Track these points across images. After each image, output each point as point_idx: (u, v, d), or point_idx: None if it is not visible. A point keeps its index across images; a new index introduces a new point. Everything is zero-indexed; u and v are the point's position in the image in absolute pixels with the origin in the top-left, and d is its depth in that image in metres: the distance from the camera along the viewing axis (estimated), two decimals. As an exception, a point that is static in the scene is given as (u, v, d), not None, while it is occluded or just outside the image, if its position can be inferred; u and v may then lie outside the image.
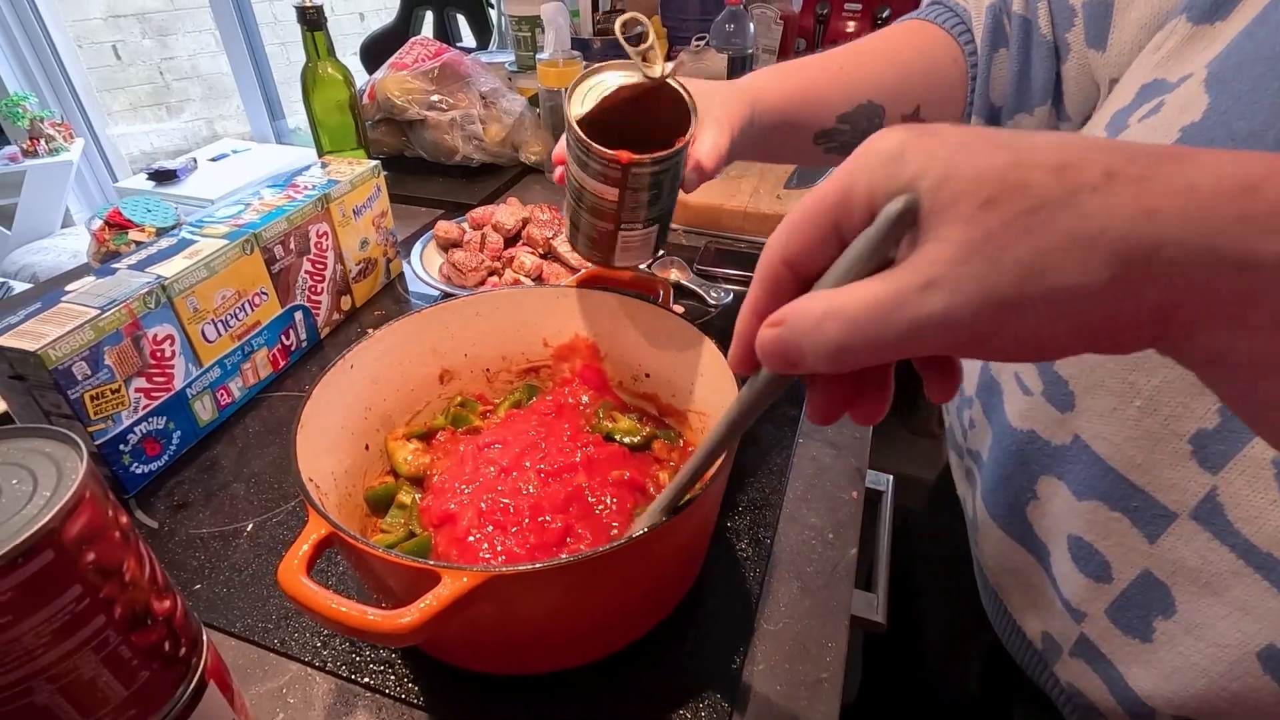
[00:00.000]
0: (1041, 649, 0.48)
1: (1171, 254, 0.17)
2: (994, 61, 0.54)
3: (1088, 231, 0.18)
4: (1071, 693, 0.46)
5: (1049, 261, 0.18)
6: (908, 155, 0.20)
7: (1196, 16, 0.36)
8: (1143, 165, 0.18)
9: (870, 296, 0.20)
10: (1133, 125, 0.38)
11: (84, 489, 0.26)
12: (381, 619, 0.32)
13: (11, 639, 0.24)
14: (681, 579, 0.47)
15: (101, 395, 0.53)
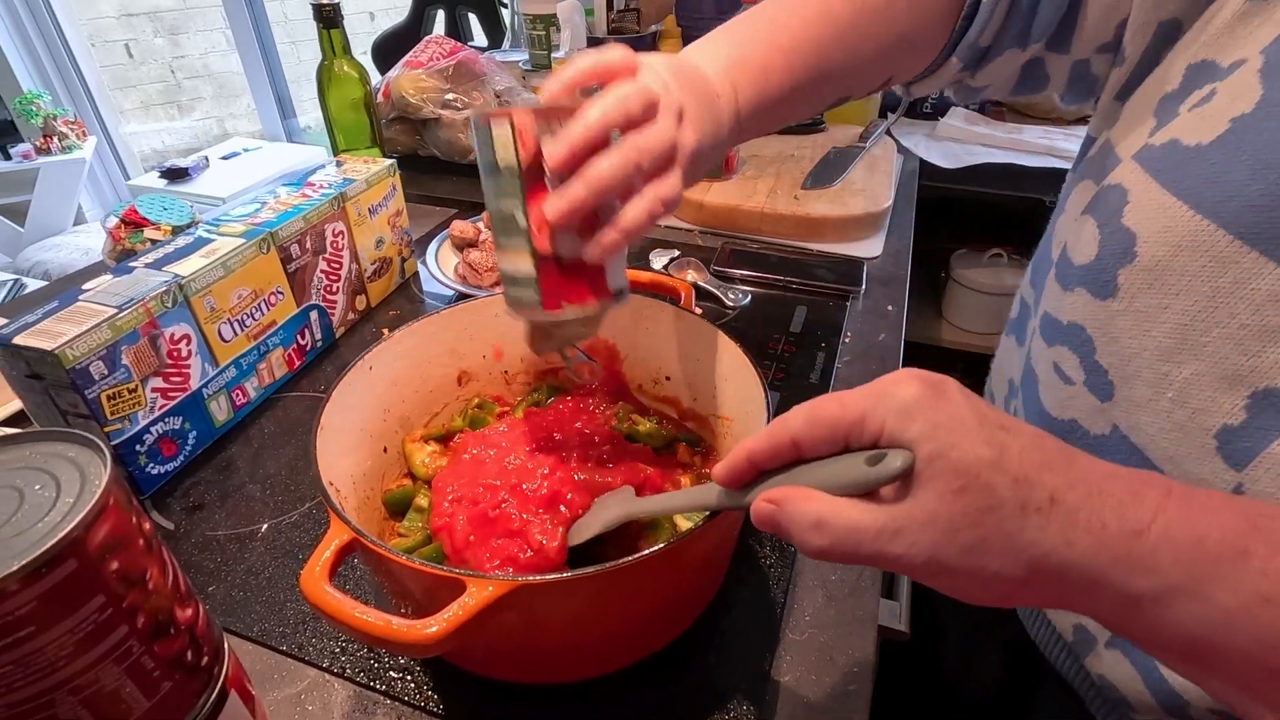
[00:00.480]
0: (1072, 641, 0.47)
1: (1073, 574, 0.24)
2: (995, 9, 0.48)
3: (1021, 543, 0.24)
4: (1103, 685, 0.44)
5: (986, 550, 0.25)
6: (916, 417, 0.26)
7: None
8: (1079, 493, 0.24)
9: (854, 522, 0.26)
10: (1183, 114, 0.37)
11: (108, 495, 0.25)
12: (407, 629, 0.31)
13: (34, 650, 0.23)
14: (705, 588, 0.46)
15: (118, 395, 0.52)
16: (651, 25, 1.30)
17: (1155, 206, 0.35)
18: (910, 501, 0.25)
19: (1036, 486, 0.24)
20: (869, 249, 0.92)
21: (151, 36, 3.54)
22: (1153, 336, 0.36)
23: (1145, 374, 0.37)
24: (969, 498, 0.24)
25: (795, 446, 0.29)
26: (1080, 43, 0.48)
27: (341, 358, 0.74)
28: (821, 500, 0.27)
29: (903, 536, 0.25)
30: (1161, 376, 0.36)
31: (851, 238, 0.93)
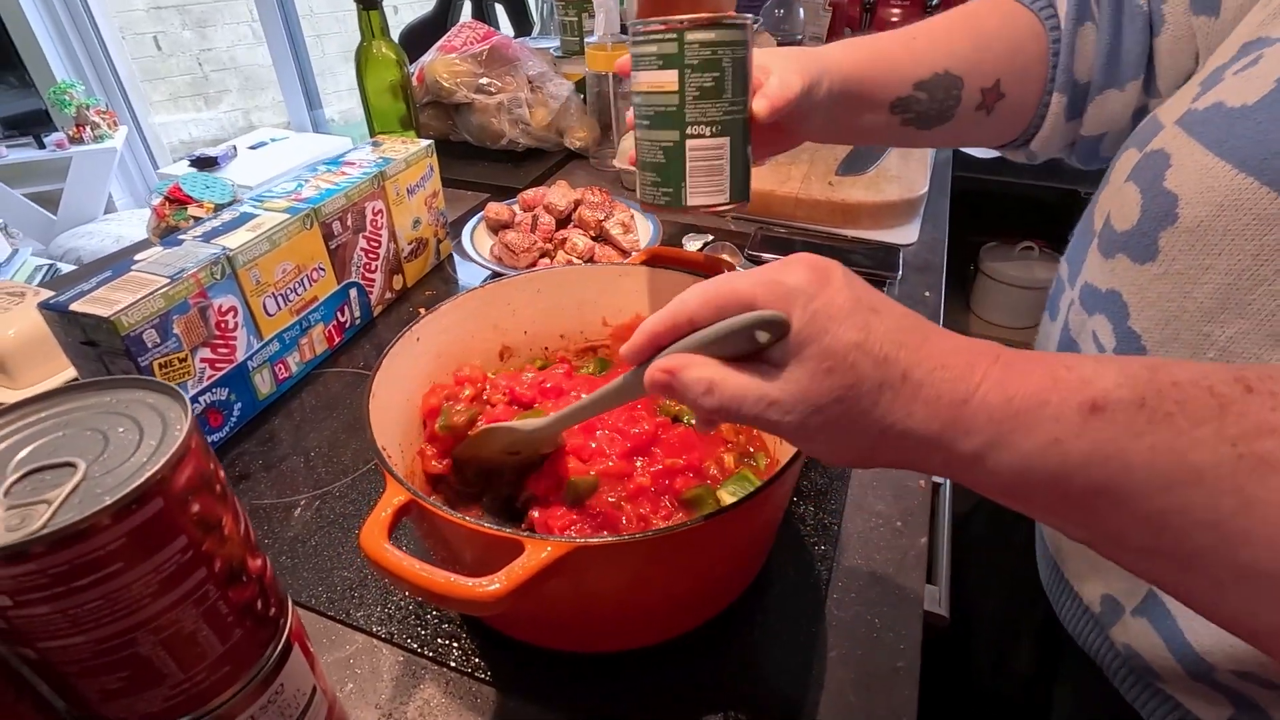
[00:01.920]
0: (1099, 613, 0.46)
1: (911, 440, 0.27)
2: (1079, 36, 0.52)
3: (873, 417, 0.28)
4: (1128, 655, 0.44)
5: (843, 424, 0.28)
6: (797, 302, 0.28)
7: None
8: (926, 369, 0.27)
9: (739, 389, 0.29)
10: (1228, 79, 0.37)
11: (189, 440, 0.25)
12: (471, 585, 0.32)
13: (121, 587, 0.24)
14: (753, 561, 0.46)
15: (169, 364, 0.53)
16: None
17: (1197, 168, 0.35)
18: (786, 376, 0.28)
19: (893, 364, 0.27)
20: (904, 236, 0.91)
21: (180, 29, 3.58)
22: (1194, 298, 0.36)
23: (1184, 335, 0.37)
24: (835, 378, 0.27)
25: (691, 323, 0.32)
26: (1164, 84, 0.49)
27: (379, 336, 0.75)
28: (712, 367, 0.30)
29: (778, 406, 0.28)
30: (1203, 338, 0.36)
31: (886, 224, 0.92)
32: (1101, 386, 0.25)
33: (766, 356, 0.29)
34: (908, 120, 0.55)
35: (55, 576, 0.22)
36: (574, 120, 1.12)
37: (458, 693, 0.42)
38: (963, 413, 0.26)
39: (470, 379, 0.52)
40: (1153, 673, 0.43)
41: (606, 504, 0.45)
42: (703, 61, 0.43)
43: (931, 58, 0.54)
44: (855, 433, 0.28)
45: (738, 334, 0.29)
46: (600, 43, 1.03)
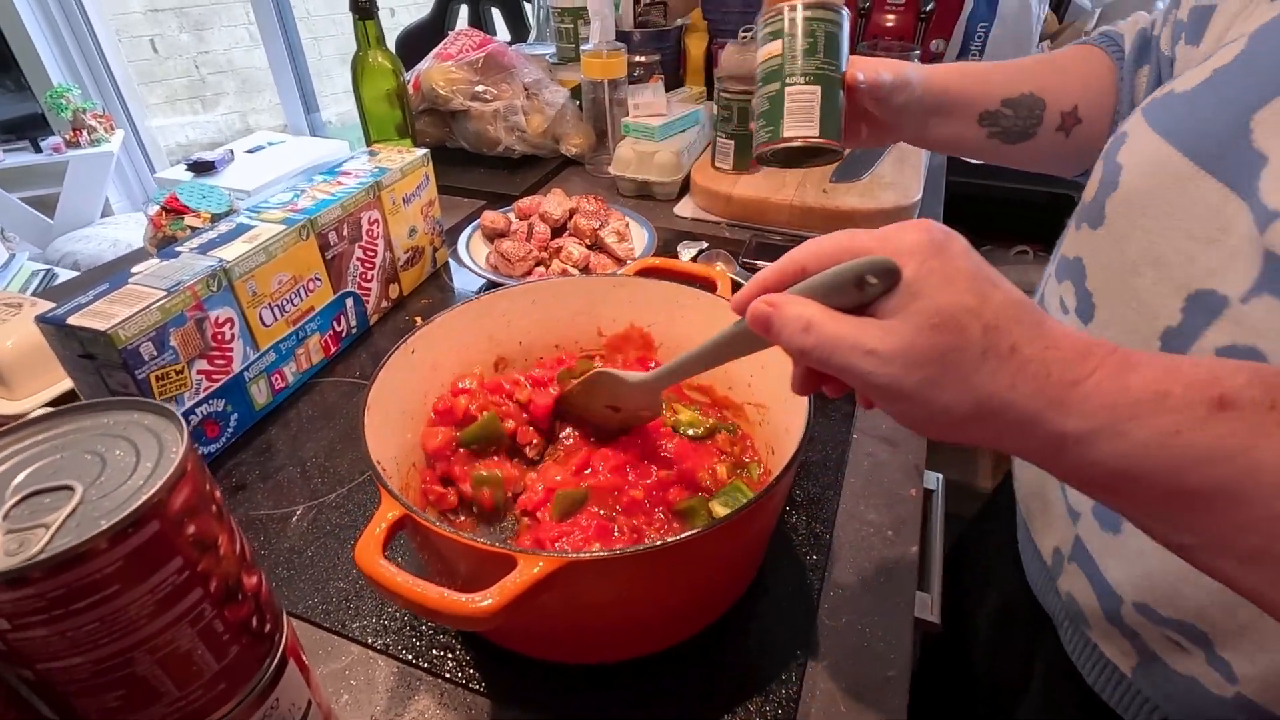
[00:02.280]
0: (1050, 565, 0.50)
1: (1011, 414, 0.27)
2: (1136, 75, 0.58)
3: (974, 381, 0.27)
4: (1068, 603, 0.48)
5: (943, 385, 0.27)
6: (914, 258, 0.28)
7: None
8: (1037, 347, 0.27)
9: (838, 332, 0.29)
10: (1182, 73, 0.42)
11: (186, 461, 0.26)
12: (463, 601, 0.32)
13: (118, 609, 0.24)
14: (744, 572, 0.47)
15: (166, 376, 0.53)
16: (678, 19, 1.30)
17: (1142, 143, 0.40)
18: (889, 327, 0.28)
19: (1003, 334, 0.27)
20: (898, 243, 0.91)
21: (177, 32, 3.58)
22: (1125, 254, 0.40)
23: (1116, 289, 0.41)
24: (941, 335, 0.27)
25: (802, 272, 0.32)
26: None
27: (375, 345, 0.75)
28: (815, 307, 0.30)
29: (874, 357, 0.28)
30: (1129, 290, 0.40)
31: (880, 231, 0.92)
32: (1232, 384, 0.24)
33: (873, 310, 0.29)
34: (994, 134, 0.61)
35: (53, 600, 0.23)
36: (570, 127, 1.12)
37: (453, 704, 0.43)
38: (1073, 394, 0.26)
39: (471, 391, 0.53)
40: (1084, 619, 0.47)
41: (599, 516, 0.46)
42: (799, 30, 0.54)
43: (1018, 80, 0.60)
44: (952, 398, 0.27)
45: (846, 279, 0.29)
46: (596, 50, 1.03)
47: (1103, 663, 0.47)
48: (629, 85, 1.08)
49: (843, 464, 0.59)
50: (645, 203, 1.06)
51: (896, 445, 0.62)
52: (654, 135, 1.02)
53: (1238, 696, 0.39)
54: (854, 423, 0.63)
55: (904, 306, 0.28)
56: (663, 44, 1.24)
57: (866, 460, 0.60)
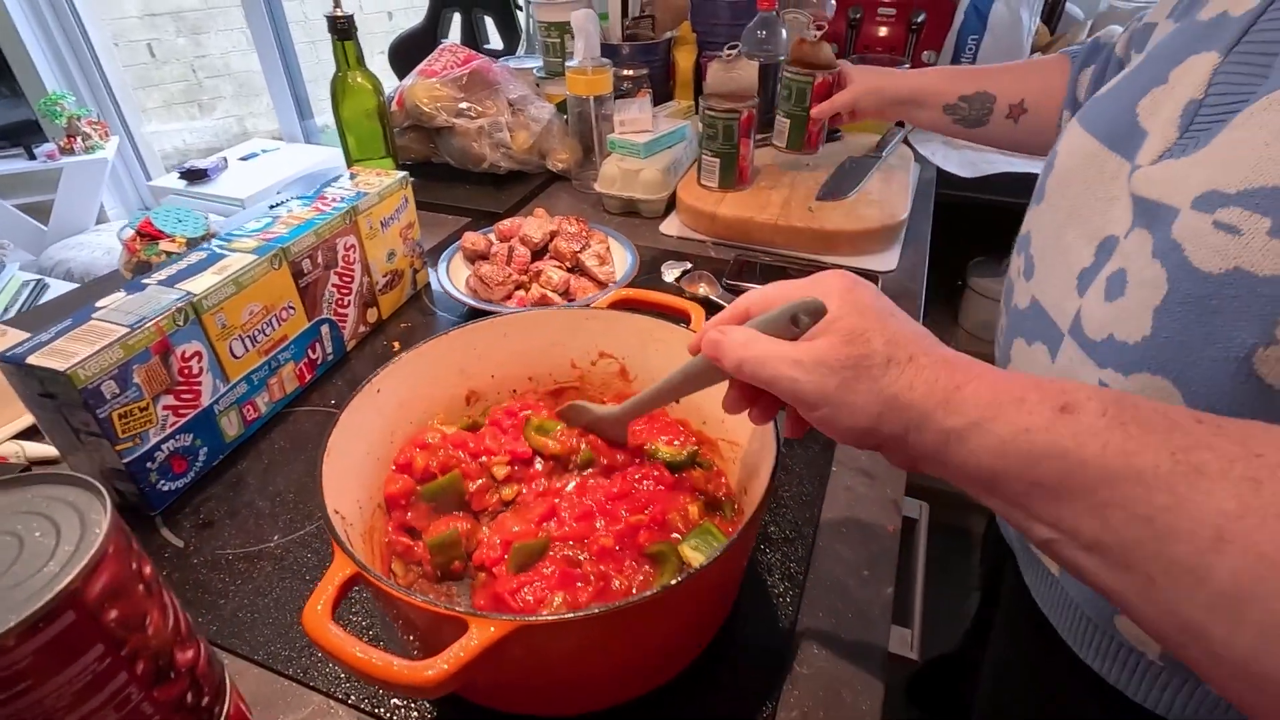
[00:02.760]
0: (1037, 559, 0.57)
1: (910, 412, 0.32)
2: (1081, 74, 0.73)
3: (881, 383, 0.32)
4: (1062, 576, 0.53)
5: (856, 387, 0.33)
6: (834, 297, 0.35)
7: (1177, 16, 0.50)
8: (931, 359, 0.33)
9: (769, 348, 0.35)
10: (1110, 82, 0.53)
11: (108, 543, 0.25)
12: (408, 671, 0.31)
13: (30, 703, 0.23)
14: (711, 621, 0.46)
15: (130, 414, 0.53)
16: (666, 32, 1.29)
17: (1072, 135, 0.51)
18: (811, 344, 0.34)
19: (902, 348, 0.33)
20: (884, 263, 0.90)
21: (174, 36, 3.57)
22: (1056, 219, 0.50)
23: (1051, 247, 0.50)
24: (851, 347, 0.33)
25: (746, 315, 0.39)
26: None
27: (353, 371, 0.74)
28: (752, 331, 0.37)
29: (799, 366, 0.34)
30: (1060, 247, 0.49)
31: (866, 251, 0.92)
32: (1075, 396, 0.28)
33: (801, 338, 0.35)
34: (956, 120, 0.86)
35: (-41, 699, 0.22)
36: (556, 142, 1.11)
37: (412, 757, 0.42)
38: (955, 396, 0.31)
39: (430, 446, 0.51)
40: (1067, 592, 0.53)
41: (564, 561, 0.45)
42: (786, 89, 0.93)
43: (979, 79, 0.84)
44: (863, 398, 0.32)
45: (783, 316, 0.36)
46: (580, 66, 1.03)
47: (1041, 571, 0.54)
48: (616, 100, 1.07)
49: (820, 498, 0.58)
50: (631, 220, 1.05)
51: (875, 478, 0.61)
52: (640, 153, 1.01)
53: None
54: (833, 455, 0.62)
55: (824, 330, 0.34)
56: (651, 57, 1.23)
57: (844, 493, 0.59)
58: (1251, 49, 0.39)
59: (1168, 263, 0.38)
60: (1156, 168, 0.41)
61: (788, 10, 1.23)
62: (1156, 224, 0.39)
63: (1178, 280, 0.37)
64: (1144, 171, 0.42)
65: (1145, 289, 0.39)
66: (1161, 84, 0.44)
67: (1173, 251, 0.37)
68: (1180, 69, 0.43)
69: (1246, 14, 0.41)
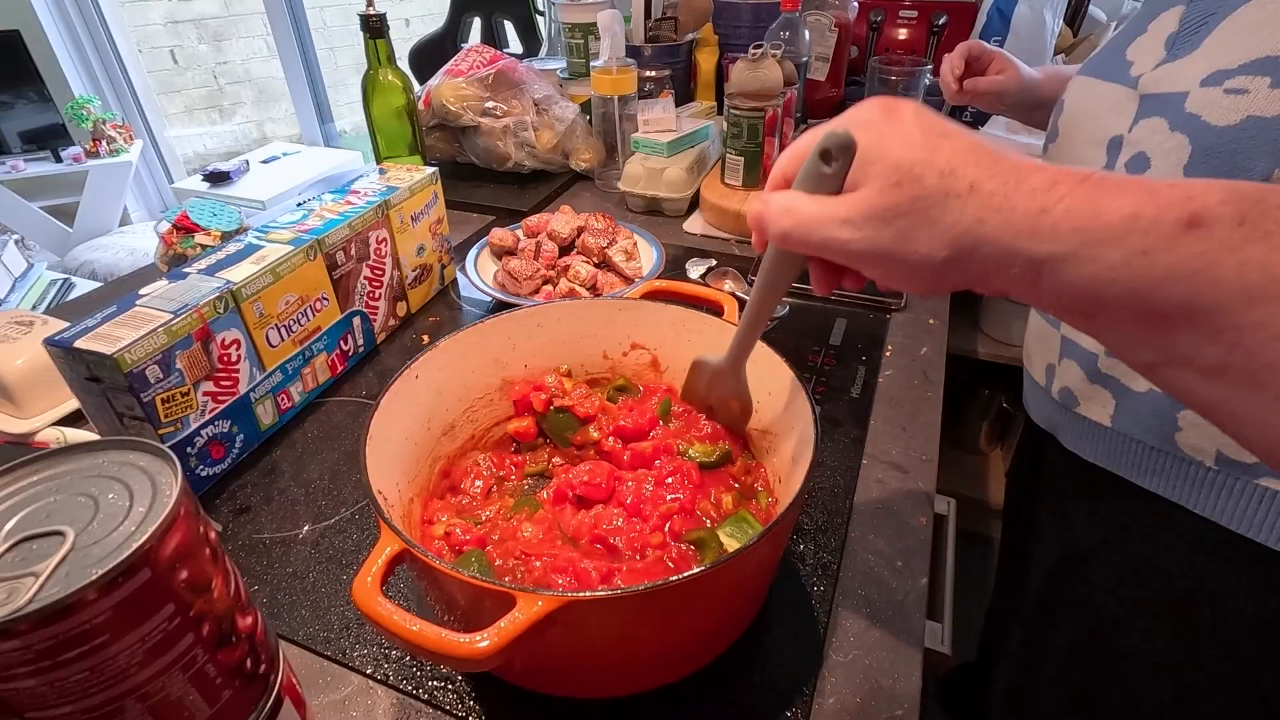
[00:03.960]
0: (1044, 381, 0.63)
1: (985, 249, 0.28)
2: None
3: (943, 224, 0.28)
4: (1061, 396, 0.60)
5: (915, 235, 0.29)
6: (867, 129, 0.30)
7: None
8: (997, 182, 0.28)
9: (812, 209, 0.31)
10: None
11: (179, 506, 0.25)
12: (461, 644, 0.31)
13: (107, 658, 0.24)
14: (749, 606, 0.46)
15: (172, 398, 0.54)
16: (689, 34, 1.30)
17: (1075, 84, 0.59)
18: (854, 195, 0.30)
19: (959, 177, 0.28)
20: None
21: (196, 43, 3.63)
22: (1071, 145, 0.58)
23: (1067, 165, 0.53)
24: (901, 190, 0.29)
25: (785, 179, 0.35)
26: None
27: (383, 363, 0.75)
28: (794, 194, 0.33)
29: (848, 225, 0.30)
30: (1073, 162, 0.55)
31: (891, 249, 0.92)
32: (1204, 202, 0.24)
33: (846, 189, 0.31)
34: None
35: (41, 651, 0.22)
36: (579, 142, 1.12)
37: (452, 738, 0.42)
38: (1041, 222, 0.27)
39: None
40: (1073, 398, 0.59)
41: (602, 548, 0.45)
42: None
43: None
44: (926, 245, 0.29)
45: (812, 163, 0.31)
46: (605, 67, 1.03)
47: (1091, 428, 0.58)
48: (639, 100, 1.07)
49: (851, 491, 0.58)
50: (655, 219, 1.05)
51: (907, 471, 0.61)
52: (663, 151, 1.01)
53: None
54: (863, 449, 0.62)
55: (864, 173, 0.30)
56: (673, 59, 1.24)
57: (876, 487, 0.59)
58: None
59: (1188, 130, 0.45)
60: (1159, 70, 0.49)
61: (810, 12, 1.24)
62: (1167, 108, 0.47)
63: (1199, 139, 0.44)
64: (1149, 75, 0.50)
65: (1170, 156, 0.46)
66: (1143, 33, 0.53)
67: (1191, 121, 0.45)
68: (1156, 21, 0.52)
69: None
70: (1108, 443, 0.58)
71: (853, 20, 1.32)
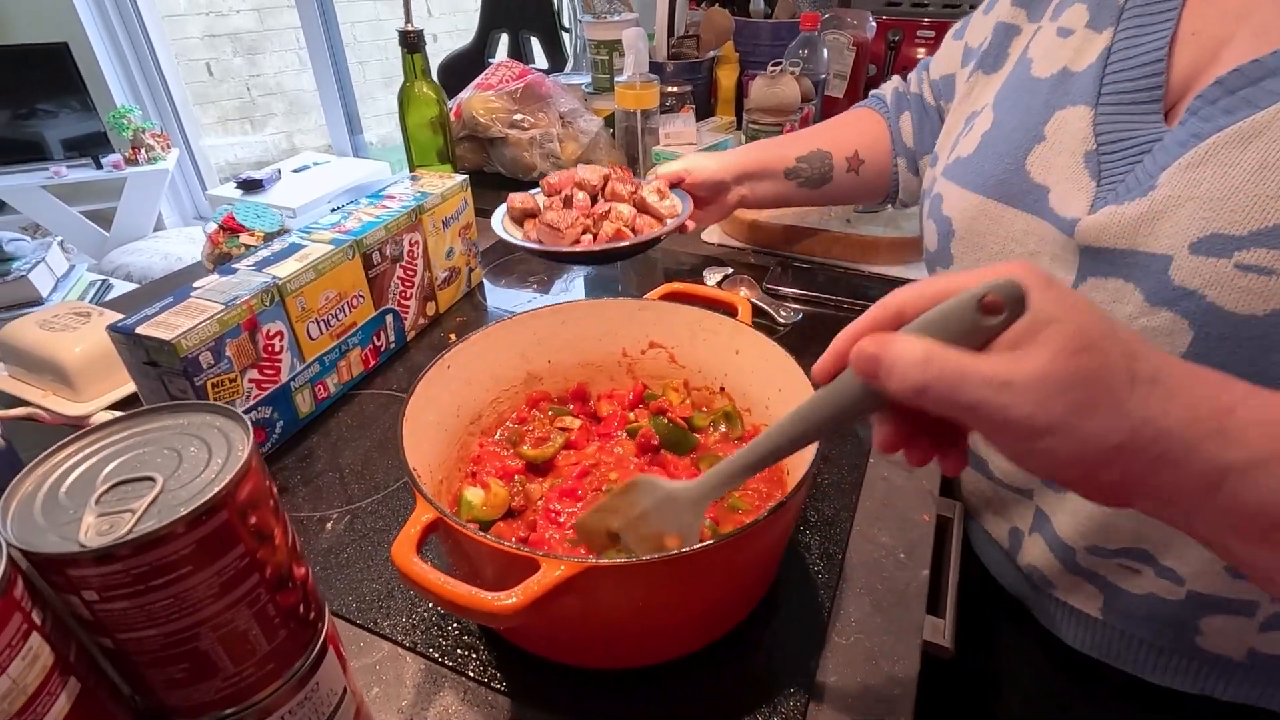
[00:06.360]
0: (1009, 546, 0.60)
1: (1165, 443, 0.25)
2: (900, 120, 0.81)
3: (1125, 406, 0.25)
4: (1030, 573, 0.57)
5: (1092, 411, 0.25)
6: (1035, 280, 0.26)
7: (986, 69, 0.58)
8: (1176, 379, 0.26)
9: (962, 364, 0.26)
10: (961, 141, 0.57)
11: (250, 460, 0.29)
12: (490, 598, 0.35)
13: (188, 588, 0.27)
14: (759, 583, 0.48)
15: (221, 384, 0.57)
16: (710, 51, 1.34)
17: (956, 197, 0.53)
18: (1022, 355, 0.25)
19: (1143, 360, 0.26)
20: (922, 272, 0.93)
21: (231, 56, 3.76)
22: None
23: None
24: (1085, 359, 0.25)
25: (899, 316, 0.29)
26: None
27: (412, 360, 0.79)
28: (931, 342, 0.27)
29: (1010, 389, 0.25)
30: None
31: (906, 260, 0.94)
32: None
33: (994, 347, 0.27)
34: (802, 184, 0.83)
35: (136, 576, 0.26)
36: (603, 154, 1.16)
37: (475, 701, 0.45)
38: (1229, 424, 0.25)
39: None
40: (1049, 582, 0.56)
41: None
42: None
43: (805, 141, 0.83)
44: (1103, 424, 0.25)
45: (966, 308, 0.26)
46: (629, 82, 1.08)
47: (1075, 615, 0.55)
48: (661, 114, 1.11)
49: (857, 487, 0.61)
50: (673, 228, 1.09)
51: (911, 470, 0.63)
52: (683, 163, 1.05)
53: (1190, 594, 0.46)
54: (869, 447, 0.65)
55: (1035, 333, 0.25)
56: (695, 75, 1.28)
57: (881, 484, 0.62)
58: (1115, 98, 0.44)
59: (1181, 309, 0.38)
60: (1101, 216, 0.42)
61: (828, 31, 1.27)
62: (1138, 272, 0.40)
63: (1206, 324, 0.37)
64: (1088, 221, 0.43)
65: (1156, 337, 0.39)
66: (1040, 141, 0.47)
67: (1185, 298, 0.37)
68: (1053, 124, 0.47)
69: (1090, 67, 0.46)
70: (1098, 633, 0.52)
71: (871, 39, 1.36)
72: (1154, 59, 0.44)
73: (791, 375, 0.53)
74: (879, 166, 0.82)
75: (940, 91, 0.73)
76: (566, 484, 0.53)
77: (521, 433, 0.58)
